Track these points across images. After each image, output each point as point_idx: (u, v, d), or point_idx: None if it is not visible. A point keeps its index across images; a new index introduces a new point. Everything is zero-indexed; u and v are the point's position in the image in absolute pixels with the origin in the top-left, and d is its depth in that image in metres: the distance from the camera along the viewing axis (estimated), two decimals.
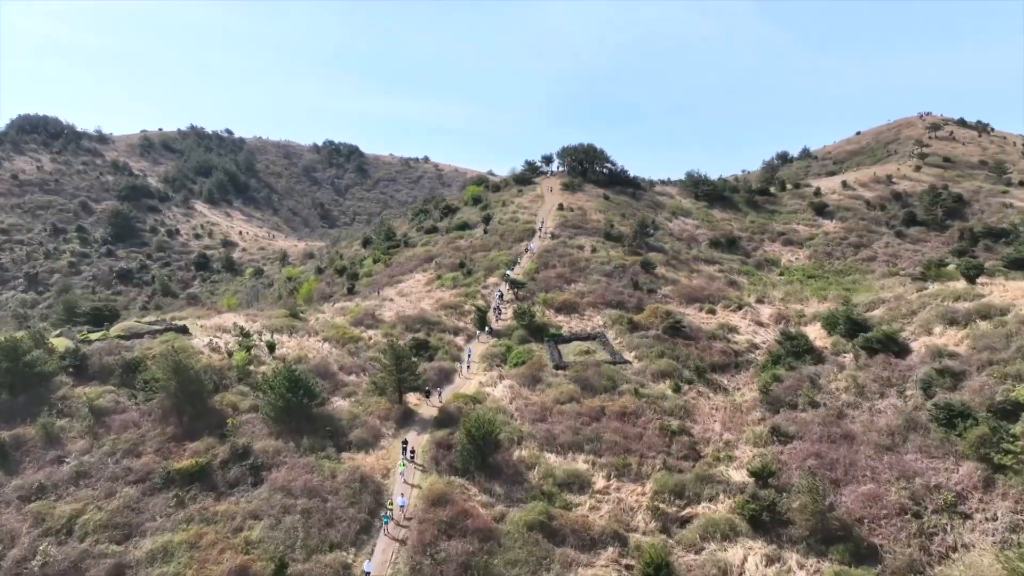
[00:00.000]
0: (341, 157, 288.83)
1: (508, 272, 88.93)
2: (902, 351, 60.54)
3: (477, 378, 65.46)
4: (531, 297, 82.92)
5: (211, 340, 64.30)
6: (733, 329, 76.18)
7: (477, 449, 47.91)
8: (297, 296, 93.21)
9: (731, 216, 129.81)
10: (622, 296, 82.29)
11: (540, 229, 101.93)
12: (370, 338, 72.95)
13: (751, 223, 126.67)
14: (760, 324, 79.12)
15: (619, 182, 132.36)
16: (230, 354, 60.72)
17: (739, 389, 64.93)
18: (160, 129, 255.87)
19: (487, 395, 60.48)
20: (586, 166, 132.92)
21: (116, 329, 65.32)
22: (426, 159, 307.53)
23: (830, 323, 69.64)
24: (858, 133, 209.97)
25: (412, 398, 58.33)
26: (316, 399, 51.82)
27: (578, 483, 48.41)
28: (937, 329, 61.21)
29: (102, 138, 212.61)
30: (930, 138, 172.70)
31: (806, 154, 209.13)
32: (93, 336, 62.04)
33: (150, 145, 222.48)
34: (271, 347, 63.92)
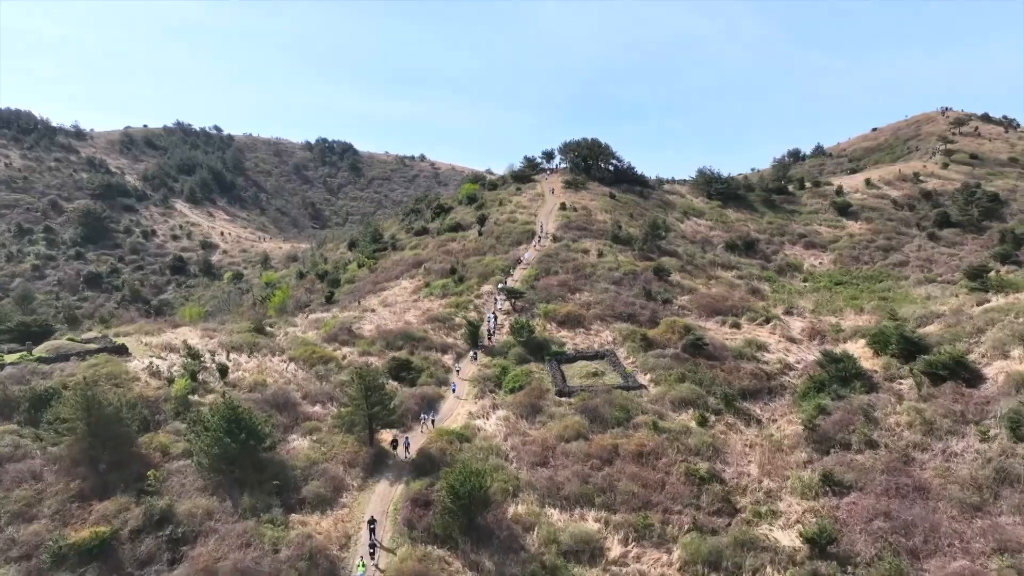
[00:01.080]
0: (334, 155, 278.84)
1: (504, 281, 79.14)
2: (974, 378, 50.77)
3: (466, 406, 55.69)
4: (530, 308, 73.13)
5: (151, 363, 54.41)
6: (762, 347, 66.33)
7: (462, 509, 38.12)
8: (269, 305, 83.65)
9: (747, 216, 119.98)
10: (633, 307, 72.43)
11: (540, 232, 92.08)
12: (344, 357, 63.18)
13: (769, 224, 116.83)
14: (792, 340, 69.25)
15: (626, 180, 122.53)
16: (170, 381, 50.87)
17: (775, 421, 55.09)
18: (145, 126, 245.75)
19: (477, 430, 50.69)
20: (590, 163, 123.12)
21: (40, 349, 55.46)
22: (422, 157, 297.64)
23: (878, 341, 59.85)
24: (874, 129, 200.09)
25: (386, 436, 48.46)
26: (264, 441, 41.95)
27: (588, 550, 38.68)
28: (1016, 352, 51.31)
29: (79, 134, 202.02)
30: (954, 134, 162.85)
31: (819, 151, 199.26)
32: (8, 358, 52.16)
33: (131, 142, 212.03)
34: (223, 371, 54.09)
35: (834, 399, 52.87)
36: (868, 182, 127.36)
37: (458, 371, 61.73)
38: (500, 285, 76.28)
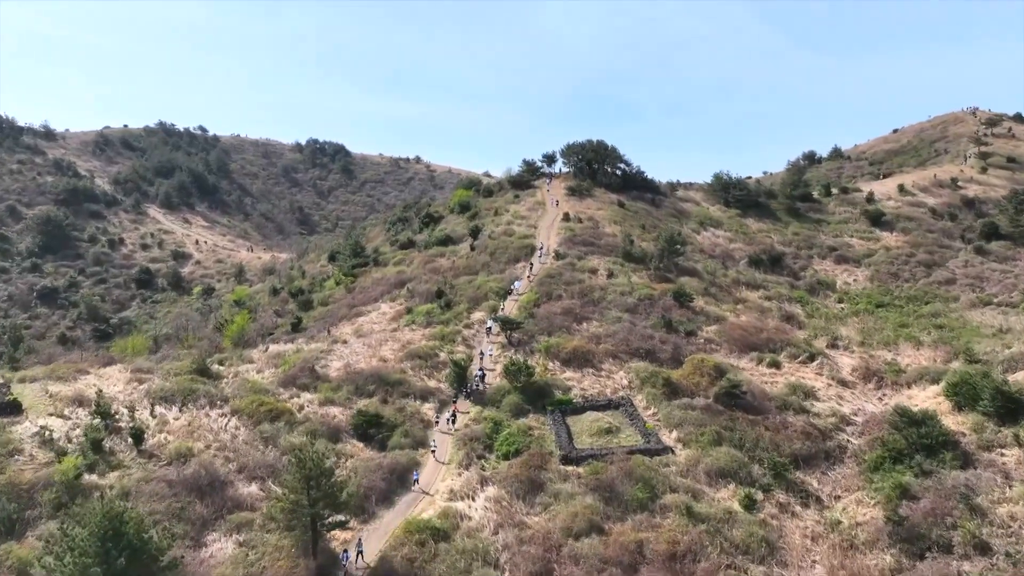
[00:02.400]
0: (325, 157, 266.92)
1: (499, 308, 67.58)
2: None
3: (448, 478, 44.12)
4: (529, 342, 61.58)
5: (44, 427, 42.73)
6: (810, 393, 54.81)
7: None
8: (225, 334, 72.22)
9: (769, 227, 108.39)
10: (652, 342, 60.80)
11: (541, 249, 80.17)
12: (301, 408, 51.65)
13: (794, 235, 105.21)
14: (844, 384, 57.63)
15: (635, 186, 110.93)
16: (61, 455, 39.24)
17: (838, 498, 43.54)
18: (125, 126, 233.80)
19: (460, 519, 39.13)
20: (595, 167, 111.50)
21: None
22: (417, 159, 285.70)
23: (961, 393, 48.22)
24: (895, 131, 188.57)
25: (339, 536, 36.82)
26: (159, 559, 30.27)
27: None
28: None
29: (49, 134, 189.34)
30: (985, 135, 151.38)
31: (837, 154, 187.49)
32: None
33: (107, 143, 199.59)
34: (136, 437, 42.43)
35: (918, 475, 41.25)
36: (902, 188, 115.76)
37: (441, 421, 50.39)
38: (493, 316, 64.50)
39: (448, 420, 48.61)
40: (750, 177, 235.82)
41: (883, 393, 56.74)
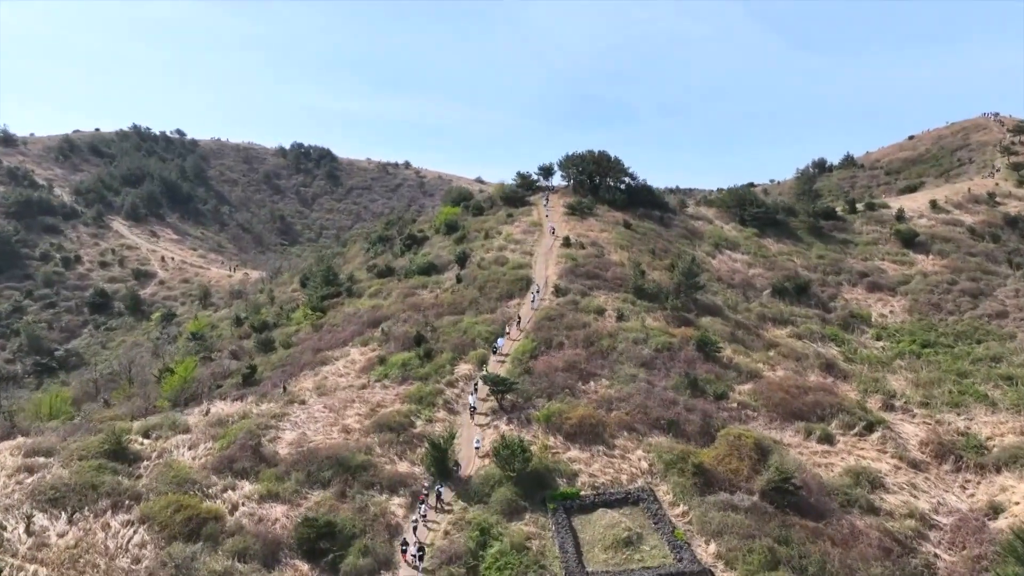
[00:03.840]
0: (310, 162, 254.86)
1: (488, 360, 56.45)
2: None
3: None
4: (525, 407, 50.45)
5: None
6: (876, 481, 43.88)
7: None
8: (162, 389, 60.75)
9: (790, 248, 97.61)
10: (675, 409, 49.77)
11: (536, 292, 67.44)
12: (234, 510, 40.37)
13: (819, 259, 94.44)
14: (915, 466, 46.62)
15: (641, 202, 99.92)
16: None
17: None
18: (97, 129, 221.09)
19: None
20: (597, 180, 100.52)
21: None
22: (407, 164, 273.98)
23: None
24: (910, 138, 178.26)
25: None
26: None
27: None
28: None
29: (7, 139, 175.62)
30: (1013, 143, 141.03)
31: (849, 162, 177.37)
32: None
33: (72, 148, 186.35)
34: None
35: None
36: (934, 204, 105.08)
37: (417, 521, 39.18)
38: (480, 376, 53.10)
39: (415, 554, 36.62)
40: (753, 184, 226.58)
41: (965, 479, 45.91)
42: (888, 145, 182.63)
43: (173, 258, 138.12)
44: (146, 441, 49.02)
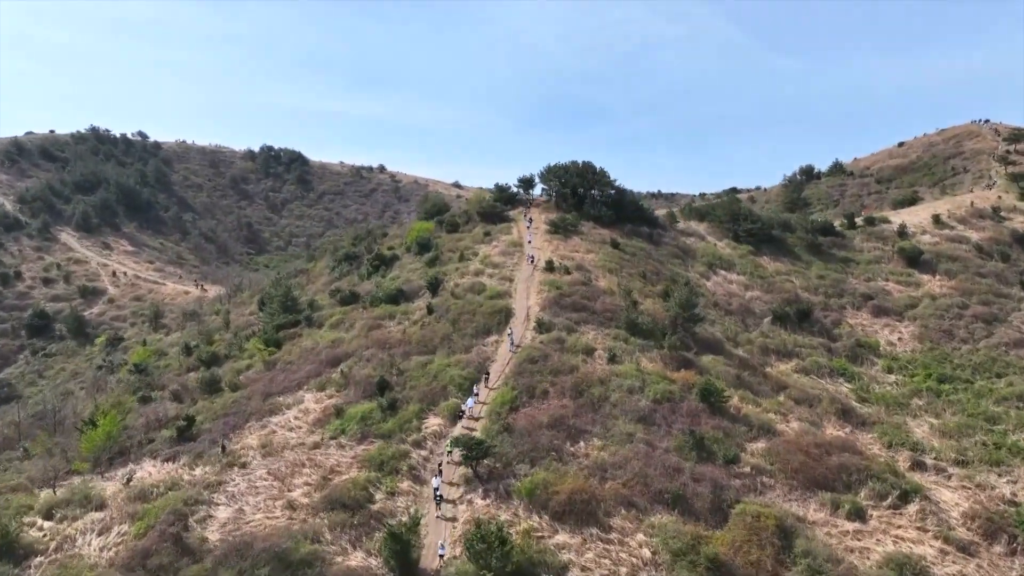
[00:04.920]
0: (280, 166, 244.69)
1: (461, 414, 48.75)
2: None
3: None
4: (504, 475, 42.84)
5: None
6: (921, 572, 36.82)
7: None
8: (82, 447, 52.07)
9: (788, 267, 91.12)
10: (680, 478, 42.46)
11: (509, 334, 58.70)
12: None
13: (819, 279, 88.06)
14: (964, 551, 39.69)
15: (629, 217, 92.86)
16: None
17: None
18: (52, 131, 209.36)
19: None
20: (581, 193, 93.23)
21: None
22: (382, 168, 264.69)
23: None
24: (900, 144, 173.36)
25: None
26: None
27: None
28: None
29: None
30: (1009, 152, 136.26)
31: (838, 169, 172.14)
32: None
33: (21, 152, 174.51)
34: None
35: None
36: (937, 219, 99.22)
37: None
38: (451, 443, 45.30)
39: None
40: (737, 190, 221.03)
41: (1021, 564, 39.04)
42: (877, 151, 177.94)
43: (126, 273, 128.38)
44: (47, 525, 40.79)
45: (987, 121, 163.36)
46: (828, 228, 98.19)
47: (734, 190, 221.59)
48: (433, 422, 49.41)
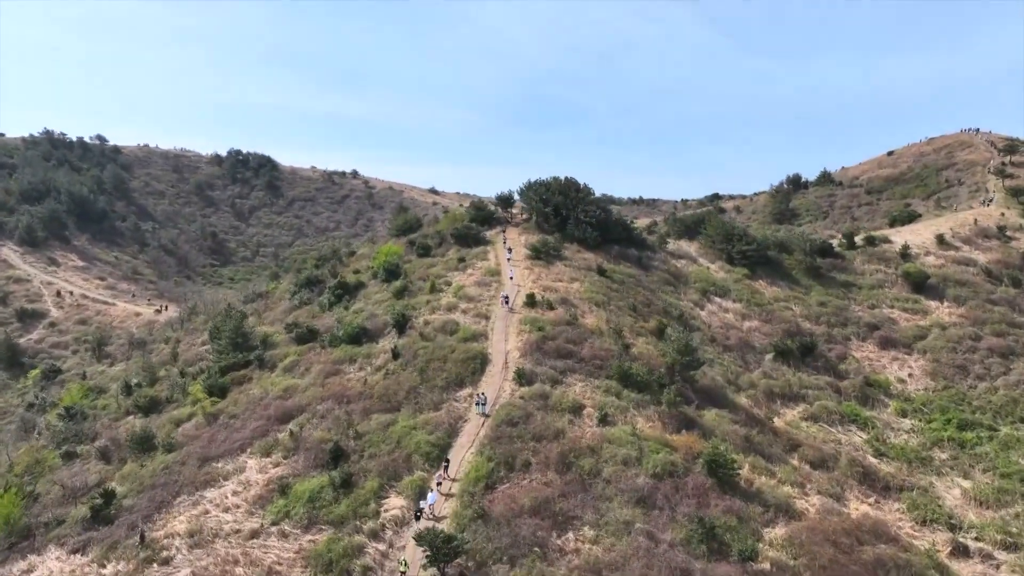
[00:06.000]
0: (248, 171, 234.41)
1: (431, 489, 41.11)
2: None
3: None
4: None
5: None
6: None
7: None
8: None
9: (787, 292, 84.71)
10: None
11: (480, 400, 49.06)
12: None
13: (820, 306, 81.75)
14: None
15: (615, 239, 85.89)
16: None
17: None
18: (1, 135, 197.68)
19: None
20: (565, 213, 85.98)
21: None
22: (355, 174, 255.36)
23: None
24: (889, 153, 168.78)
25: None
26: None
27: None
28: None
29: None
30: (1005, 164, 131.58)
31: (826, 179, 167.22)
32: None
33: None
34: None
35: None
36: (941, 240, 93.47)
37: None
38: (417, 534, 37.51)
39: None
40: (719, 196, 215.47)
41: None
42: (866, 161, 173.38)
43: (72, 292, 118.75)
44: None
45: (978, 130, 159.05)
46: (827, 249, 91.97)
47: (716, 196, 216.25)
48: (394, 503, 41.79)
